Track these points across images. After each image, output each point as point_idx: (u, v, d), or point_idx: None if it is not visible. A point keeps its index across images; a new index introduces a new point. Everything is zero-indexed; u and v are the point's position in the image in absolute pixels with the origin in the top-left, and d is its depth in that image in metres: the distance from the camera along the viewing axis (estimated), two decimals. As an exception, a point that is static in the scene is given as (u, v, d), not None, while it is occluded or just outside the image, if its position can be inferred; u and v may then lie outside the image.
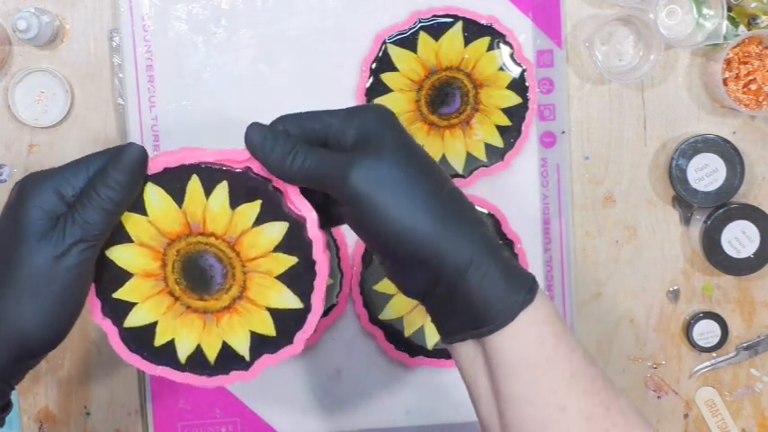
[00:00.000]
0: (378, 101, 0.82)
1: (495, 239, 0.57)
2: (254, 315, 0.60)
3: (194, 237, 0.58)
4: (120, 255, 0.58)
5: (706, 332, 0.86)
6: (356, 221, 0.57)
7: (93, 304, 0.60)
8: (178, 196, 0.58)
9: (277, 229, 0.58)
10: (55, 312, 0.56)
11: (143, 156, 0.57)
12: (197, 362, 0.61)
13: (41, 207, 0.55)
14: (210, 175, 0.58)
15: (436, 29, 0.82)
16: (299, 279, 0.59)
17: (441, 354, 0.84)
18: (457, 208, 0.57)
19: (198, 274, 0.59)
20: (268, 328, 0.60)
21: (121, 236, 0.58)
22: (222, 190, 0.58)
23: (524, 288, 0.56)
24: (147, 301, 0.60)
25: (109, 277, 0.59)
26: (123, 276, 0.59)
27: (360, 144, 0.56)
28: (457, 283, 0.55)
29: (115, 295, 0.59)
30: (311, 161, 0.55)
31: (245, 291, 0.60)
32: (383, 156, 0.55)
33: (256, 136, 0.56)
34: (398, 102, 0.82)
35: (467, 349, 0.58)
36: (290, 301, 0.59)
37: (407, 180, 0.55)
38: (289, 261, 0.59)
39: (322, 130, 0.58)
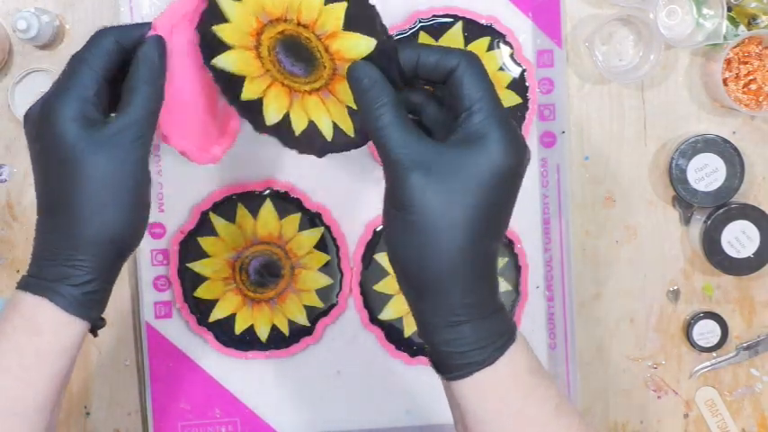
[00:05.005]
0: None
1: (498, 301, 0.56)
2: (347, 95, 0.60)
3: (291, 24, 0.58)
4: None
5: (706, 332, 0.86)
6: (387, 217, 0.55)
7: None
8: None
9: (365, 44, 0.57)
10: (133, 206, 0.58)
11: (162, 47, 0.60)
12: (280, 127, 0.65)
13: (74, 119, 0.57)
14: None
15: (436, 29, 0.81)
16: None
17: (441, 354, 0.84)
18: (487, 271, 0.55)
19: (293, 54, 0.60)
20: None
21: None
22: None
23: (491, 345, 0.54)
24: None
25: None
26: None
27: (464, 143, 0.53)
28: (431, 335, 0.55)
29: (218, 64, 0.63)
30: (390, 129, 0.53)
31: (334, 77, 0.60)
32: (467, 184, 0.52)
33: (362, 70, 0.55)
34: (398, 102, 0.82)
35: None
36: None
37: (469, 221, 0.53)
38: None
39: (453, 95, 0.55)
